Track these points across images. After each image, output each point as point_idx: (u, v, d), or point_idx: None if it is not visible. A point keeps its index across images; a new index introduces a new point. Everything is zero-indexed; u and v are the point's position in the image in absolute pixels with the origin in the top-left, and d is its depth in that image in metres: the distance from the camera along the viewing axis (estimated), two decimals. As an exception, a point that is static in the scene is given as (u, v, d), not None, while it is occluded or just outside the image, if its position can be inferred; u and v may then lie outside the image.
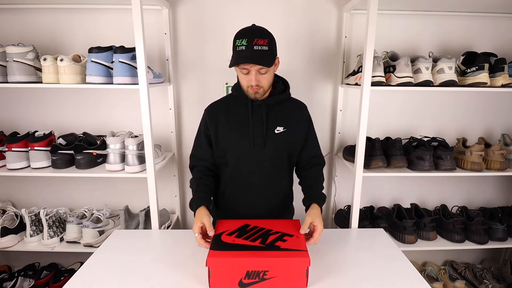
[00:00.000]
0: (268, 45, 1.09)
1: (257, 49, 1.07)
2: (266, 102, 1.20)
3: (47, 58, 1.35)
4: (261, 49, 1.07)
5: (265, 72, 1.11)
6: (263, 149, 1.20)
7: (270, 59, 1.11)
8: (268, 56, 1.10)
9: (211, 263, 0.92)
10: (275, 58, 1.15)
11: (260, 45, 1.07)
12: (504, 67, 1.43)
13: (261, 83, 1.13)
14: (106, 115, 1.76)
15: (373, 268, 1.08)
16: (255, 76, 1.11)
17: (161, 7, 1.59)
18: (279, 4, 1.67)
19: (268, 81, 1.15)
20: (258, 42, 1.07)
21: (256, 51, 1.07)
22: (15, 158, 1.48)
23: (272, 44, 1.12)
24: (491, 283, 1.72)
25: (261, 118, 1.20)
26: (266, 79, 1.14)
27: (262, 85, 1.14)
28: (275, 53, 1.16)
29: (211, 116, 1.26)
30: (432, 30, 1.72)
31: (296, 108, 1.29)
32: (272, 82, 1.19)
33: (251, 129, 1.19)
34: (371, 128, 1.65)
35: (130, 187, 1.83)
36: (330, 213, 1.93)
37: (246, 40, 1.07)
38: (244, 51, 1.08)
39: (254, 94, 1.16)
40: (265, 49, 1.08)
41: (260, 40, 1.07)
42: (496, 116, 1.84)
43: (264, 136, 1.20)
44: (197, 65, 1.72)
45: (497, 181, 1.94)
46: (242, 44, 1.08)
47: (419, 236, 1.65)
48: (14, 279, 1.69)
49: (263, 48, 1.08)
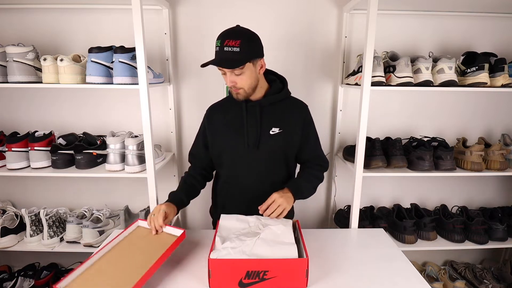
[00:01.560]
0: (240, 46, 1.06)
1: (227, 50, 1.06)
2: (260, 103, 1.19)
3: (47, 58, 1.35)
4: (231, 50, 1.06)
5: (239, 73, 1.10)
6: (258, 150, 1.20)
7: (238, 61, 1.08)
8: (237, 57, 1.07)
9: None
10: (249, 59, 1.10)
11: (231, 46, 1.06)
12: (504, 67, 1.43)
13: (238, 84, 1.12)
14: (106, 115, 1.76)
15: (373, 268, 1.08)
16: (229, 77, 1.11)
17: (161, 7, 1.59)
18: (279, 4, 1.67)
19: (246, 82, 1.13)
20: (229, 43, 1.06)
21: (225, 52, 1.06)
22: (15, 158, 1.48)
23: (246, 45, 1.08)
24: (491, 283, 1.72)
25: (255, 119, 1.19)
26: (243, 80, 1.12)
27: (240, 86, 1.13)
28: (253, 56, 1.11)
29: (209, 117, 1.27)
30: (432, 30, 1.72)
31: (294, 108, 1.26)
32: (255, 83, 1.16)
33: (246, 130, 1.19)
34: (371, 128, 1.65)
35: (130, 187, 1.83)
36: (330, 213, 1.93)
37: (220, 41, 1.08)
38: (217, 52, 1.09)
39: (236, 95, 1.16)
40: (235, 51, 1.06)
41: (231, 41, 1.06)
42: (496, 116, 1.84)
43: (258, 137, 1.19)
44: (197, 65, 1.70)
45: (497, 181, 1.94)
46: (217, 45, 1.09)
47: (419, 236, 1.65)
48: (14, 279, 1.69)
49: (233, 50, 1.06)
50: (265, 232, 1.04)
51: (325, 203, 1.96)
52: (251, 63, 1.11)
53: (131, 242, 1.11)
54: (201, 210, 1.89)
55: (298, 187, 1.20)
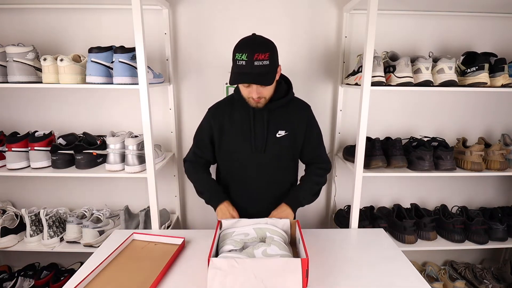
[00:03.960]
0: (270, 59, 1.03)
1: (258, 64, 1.01)
2: (268, 107, 1.18)
3: (47, 58, 1.35)
4: (261, 64, 1.02)
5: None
6: (264, 154, 1.20)
7: (271, 75, 1.06)
8: (269, 72, 1.05)
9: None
10: (277, 71, 1.10)
11: (261, 60, 1.01)
12: (504, 67, 1.43)
13: (263, 94, 1.11)
14: (106, 115, 1.76)
15: (373, 268, 1.08)
16: (256, 90, 1.08)
17: (161, 7, 1.59)
18: (279, 4, 1.67)
19: (269, 92, 1.13)
20: (259, 57, 1.01)
21: (256, 67, 1.01)
22: (15, 158, 1.48)
23: (274, 56, 1.06)
24: (491, 283, 1.72)
25: (262, 123, 1.19)
26: (267, 90, 1.11)
27: (263, 95, 1.12)
28: (277, 65, 1.10)
29: (215, 118, 1.25)
30: (432, 30, 1.72)
31: (299, 109, 1.27)
32: (274, 88, 1.17)
33: (252, 134, 1.19)
34: (371, 128, 1.65)
35: (130, 187, 1.83)
36: (330, 213, 1.93)
37: (247, 55, 1.01)
38: (244, 66, 1.02)
39: (255, 104, 1.14)
40: (265, 64, 1.02)
41: (261, 55, 1.01)
42: (496, 116, 1.84)
43: (265, 140, 1.19)
44: (197, 65, 1.72)
45: (497, 181, 1.94)
46: (242, 58, 1.02)
47: (419, 236, 1.65)
48: (14, 279, 1.69)
49: (263, 63, 1.02)
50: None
51: (325, 203, 1.96)
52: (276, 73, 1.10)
53: (129, 256, 1.11)
54: (201, 210, 1.89)
55: (296, 201, 1.23)
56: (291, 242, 1.17)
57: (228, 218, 1.16)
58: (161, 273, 0.98)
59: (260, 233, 1.09)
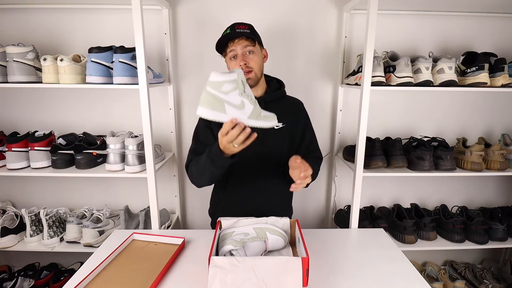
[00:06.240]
0: (250, 29, 1.18)
1: (239, 31, 1.16)
2: (263, 99, 1.22)
3: (47, 58, 1.35)
4: (243, 31, 1.16)
5: (251, 50, 1.17)
6: (262, 145, 1.20)
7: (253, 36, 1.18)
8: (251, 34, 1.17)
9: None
10: (259, 41, 1.21)
11: (242, 29, 1.17)
12: (504, 67, 1.43)
13: (250, 64, 1.17)
14: (106, 115, 1.76)
15: (373, 268, 1.08)
16: (241, 56, 1.17)
17: (161, 7, 1.59)
18: (279, 4, 1.67)
19: (256, 64, 1.19)
20: (239, 27, 1.17)
21: (238, 33, 1.16)
22: (15, 158, 1.47)
23: (254, 30, 1.22)
24: (491, 283, 1.72)
25: None
26: (254, 60, 1.18)
27: (251, 66, 1.18)
28: (259, 39, 1.22)
29: None
30: (432, 30, 1.72)
31: (294, 104, 1.33)
32: (262, 70, 1.24)
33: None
34: (371, 128, 1.65)
35: (130, 187, 1.83)
36: (330, 213, 1.93)
37: (230, 28, 1.19)
38: (228, 34, 1.17)
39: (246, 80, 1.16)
40: (246, 31, 1.17)
41: (242, 26, 1.18)
42: (496, 116, 1.84)
43: (263, 132, 1.19)
44: (197, 65, 1.72)
45: (497, 181, 1.94)
46: (226, 32, 1.19)
47: (419, 236, 1.65)
48: (14, 279, 1.69)
49: (244, 31, 1.17)
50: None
51: (325, 203, 1.96)
52: (259, 46, 1.21)
53: (129, 256, 1.11)
54: (201, 210, 1.89)
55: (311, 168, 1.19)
56: (291, 242, 1.17)
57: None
58: (161, 273, 0.98)
59: (260, 233, 1.09)
